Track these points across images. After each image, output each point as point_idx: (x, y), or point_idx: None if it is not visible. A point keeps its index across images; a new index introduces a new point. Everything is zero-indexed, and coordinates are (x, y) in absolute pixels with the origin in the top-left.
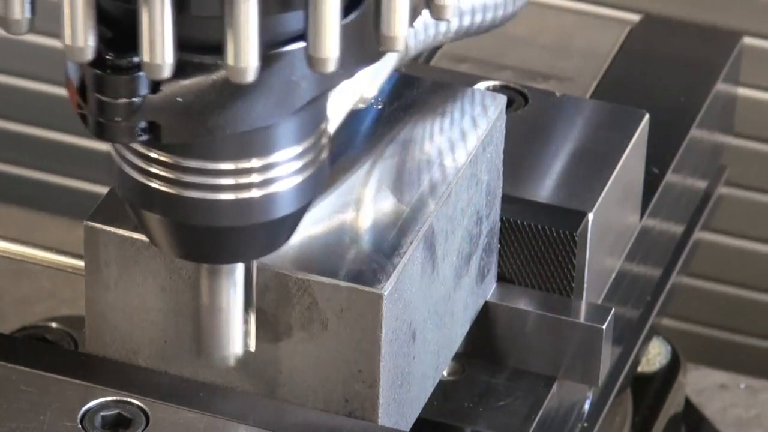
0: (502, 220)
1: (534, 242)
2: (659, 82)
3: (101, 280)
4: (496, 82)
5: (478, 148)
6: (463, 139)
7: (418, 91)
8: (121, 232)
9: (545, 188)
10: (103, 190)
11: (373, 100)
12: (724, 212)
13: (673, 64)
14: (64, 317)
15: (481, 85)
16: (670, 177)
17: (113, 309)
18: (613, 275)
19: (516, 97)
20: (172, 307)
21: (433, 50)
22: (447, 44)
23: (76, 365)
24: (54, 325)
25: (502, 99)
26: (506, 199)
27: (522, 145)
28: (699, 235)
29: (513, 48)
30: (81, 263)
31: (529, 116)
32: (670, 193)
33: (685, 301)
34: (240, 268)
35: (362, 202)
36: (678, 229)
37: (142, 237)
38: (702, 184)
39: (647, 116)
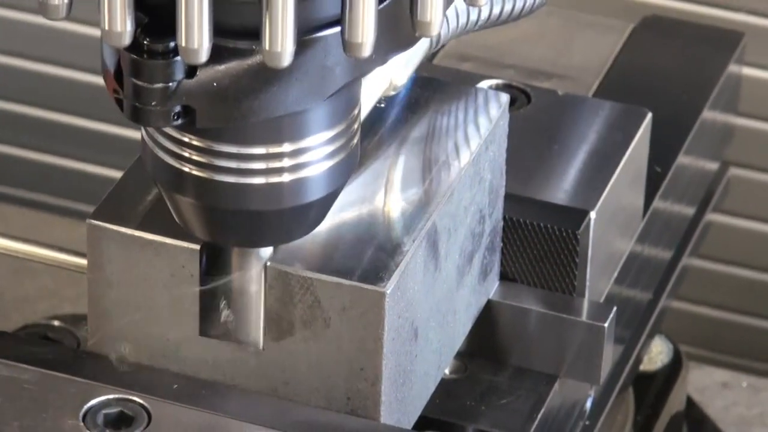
0: (504, 218)
1: (536, 241)
2: (662, 80)
3: (104, 278)
4: (499, 81)
5: (480, 146)
6: (465, 138)
7: (421, 89)
8: (123, 230)
9: (548, 187)
10: (107, 172)
11: (403, 88)
12: (728, 203)
13: (676, 63)
14: (66, 315)
15: (484, 84)
16: (672, 174)
17: (116, 307)
18: (615, 274)
19: (519, 96)
20: (174, 304)
21: (436, 49)
22: (450, 43)
23: (78, 363)
24: (56, 323)
25: (505, 98)
26: (509, 198)
27: (525, 143)
28: (707, 219)
29: (516, 47)
30: (83, 261)
31: (531, 115)
32: (672, 192)
33: (692, 287)
34: (270, 252)
35: (365, 201)
36: (683, 220)
37: (145, 235)
38: (705, 181)
39: (650, 115)
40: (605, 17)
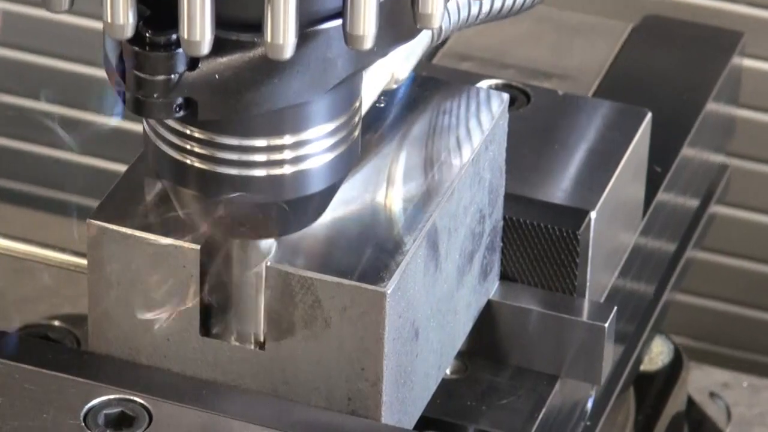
0: (504, 218)
1: (537, 241)
2: (662, 80)
3: (104, 278)
4: (499, 81)
5: (480, 146)
6: (465, 138)
7: (421, 89)
8: (124, 229)
9: (548, 187)
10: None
11: (404, 83)
12: (732, 195)
13: (676, 63)
14: (66, 315)
15: (484, 84)
16: (674, 169)
17: (116, 307)
18: (617, 273)
19: (518, 96)
20: (175, 304)
21: (436, 48)
22: (449, 43)
23: (78, 363)
24: (56, 323)
25: (505, 97)
26: (509, 198)
27: (524, 143)
28: (710, 212)
29: (515, 47)
30: (83, 261)
31: (531, 115)
32: (675, 186)
33: (695, 280)
34: (270, 252)
35: (365, 200)
36: (686, 214)
37: (145, 235)
38: (708, 175)
39: (649, 114)
40: (605, 17)
